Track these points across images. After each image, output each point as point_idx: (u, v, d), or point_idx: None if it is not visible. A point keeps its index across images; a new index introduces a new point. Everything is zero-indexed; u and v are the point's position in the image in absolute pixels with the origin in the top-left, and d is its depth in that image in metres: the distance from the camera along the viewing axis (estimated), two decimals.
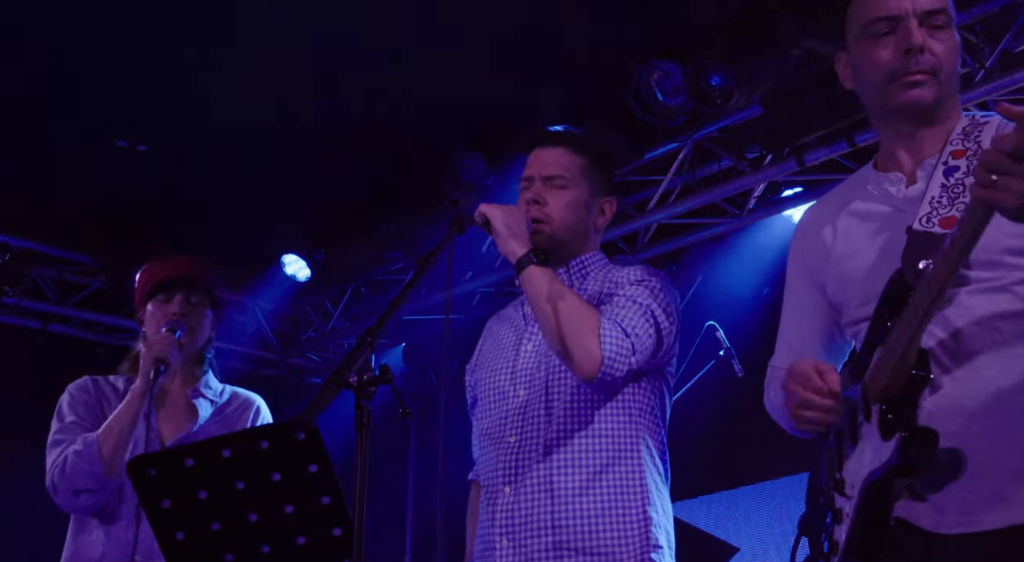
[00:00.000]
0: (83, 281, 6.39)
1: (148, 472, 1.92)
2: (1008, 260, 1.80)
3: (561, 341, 2.44)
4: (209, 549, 1.96)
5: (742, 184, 5.14)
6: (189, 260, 3.21)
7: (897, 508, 1.82)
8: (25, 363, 6.17)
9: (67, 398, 3.09)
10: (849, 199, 2.11)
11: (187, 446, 1.94)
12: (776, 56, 4.30)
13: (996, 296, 1.80)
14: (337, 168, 5.60)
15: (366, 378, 1.93)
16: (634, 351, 2.46)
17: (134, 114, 5.17)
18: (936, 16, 1.98)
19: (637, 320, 2.50)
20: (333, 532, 1.94)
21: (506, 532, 2.50)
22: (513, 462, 2.54)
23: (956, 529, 1.76)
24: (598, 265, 2.75)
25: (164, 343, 2.96)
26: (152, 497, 1.93)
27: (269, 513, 1.94)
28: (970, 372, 1.79)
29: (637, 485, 2.50)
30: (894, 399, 1.76)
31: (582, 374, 2.44)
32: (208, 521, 1.94)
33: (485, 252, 5.99)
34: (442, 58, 4.82)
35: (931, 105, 1.98)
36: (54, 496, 2.94)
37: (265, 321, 6.93)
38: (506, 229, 2.55)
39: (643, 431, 2.56)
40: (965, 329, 1.80)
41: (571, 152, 2.74)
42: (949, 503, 1.77)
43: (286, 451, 1.91)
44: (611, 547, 2.43)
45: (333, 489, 1.93)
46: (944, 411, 1.77)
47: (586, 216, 2.74)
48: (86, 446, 2.88)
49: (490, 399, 2.67)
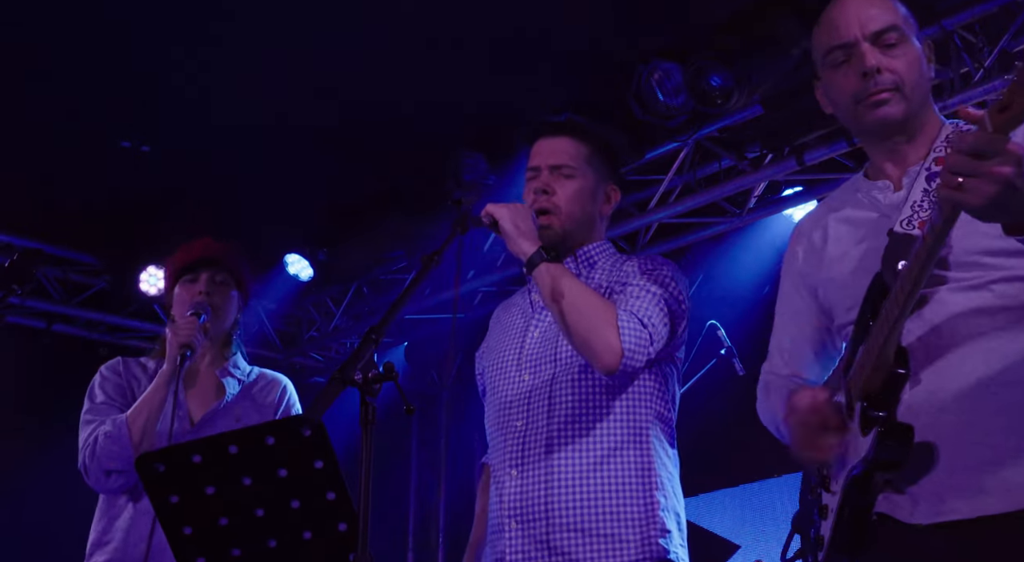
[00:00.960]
0: (87, 281, 6.42)
1: (156, 468, 1.94)
2: (985, 261, 1.84)
3: (580, 335, 2.47)
4: (216, 544, 1.98)
5: (742, 183, 5.17)
6: (214, 242, 3.27)
7: (879, 503, 1.86)
8: (30, 362, 6.20)
9: (98, 378, 3.15)
10: (840, 206, 2.16)
11: (194, 442, 1.96)
12: (776, 56, 4.32)
13: (972, 293, 1.84)
14: (339, 168, 5.63)
15: (371, 375, 1.95)
16: (652, 341, 2.49)
17: (137, 115, 5.20)
18: (887, 35, 2.02)
19: (652, 310, 2.52)
20: (339, 527, 1.96)
21: (514, 515, 2.53)
22: (520, 446, 2.57)
23: (929, 519, 1.80)
24: (605, 255, 2.77)
25: (189, 328, 3.01)
26: (160, 492, 1.95)
27: (275, 508, 1.96)
28: (947, 367, 1.83)
29: (645, 469, 2.52)
30: (874, 396, 1.80)
31: (603, 367, 2.46)
32: (215, 516, 1.96)
33: (487, 251, 6.02)
34: (443, 58, 4.84)
35: (901, 120, 2.03)
36: (86, 477, 2.99)
37: (268, 321, 6.96)
38: (514, 228, 2.57)
39: (651, 416, 2.58)
40: (942, 325, 1.84)
41: (576, 141, 2.77)
42: (923, 494, 1.81)
43: (292, 447, 1.93)
44: (617, 530, 2.45)
45: (339, 485, 1.95)
46: (921, 405, 1.81)
47: (592, 205, 2.77)
48: (116, 428, 2.93)
49: (497, 385, 2.71)
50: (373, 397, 1.96)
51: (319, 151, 5.49)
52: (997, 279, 1.84)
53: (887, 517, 1.87)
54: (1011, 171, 1.51)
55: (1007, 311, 1.83)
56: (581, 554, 2.45)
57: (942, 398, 1.81)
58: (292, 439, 1.93)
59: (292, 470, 1.94)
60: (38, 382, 6.09)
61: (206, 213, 5.76)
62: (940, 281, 1.86)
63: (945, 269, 1.86)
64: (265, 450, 1.93)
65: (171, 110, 5.16)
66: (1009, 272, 1.84)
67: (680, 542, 2.56)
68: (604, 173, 2.80)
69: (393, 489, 7.09)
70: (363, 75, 4.97)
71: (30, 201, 5.72)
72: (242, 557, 1.98)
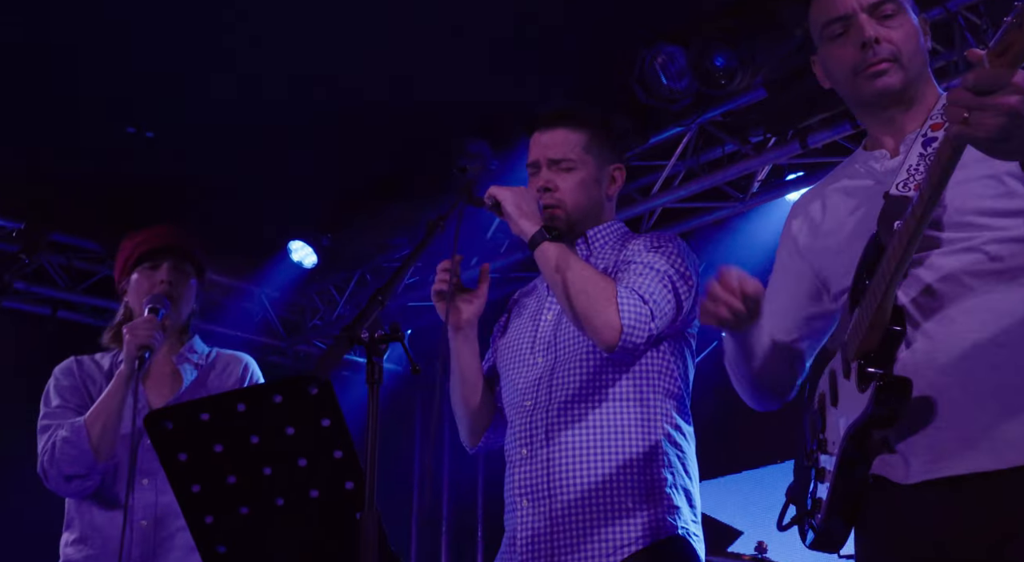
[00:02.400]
0: (91, 268, 6.44)
1: (165, 425, 1.96)
2: (978, 221, 1.85)
3: (580, 313, 2.48)
4: (224, 501, 2.00)
5: (746, 167, 5.18)
6: (175, 229, 3.21)
7: (875, 465, 1.87)
8: (35, 348, 6.21)
9: (53, 382, 3.10)
10: (838, 179, 2.18)
11: (203, 400, 1.98)
12: (779, 37, 4.33)
13: (966, 256, 1.85)
14: (341, 156, 5.64)
15: (377, 335, 1.97)
16: (653, 317, 2.48)
17: (141, 101, 5.21)
18: (884, 6, 2.04)
19: (654, 286, 2.52)
20: (346, 485, 1.99)
21: (525, 493, 2.55)
22: (528, 426, 2.59)
23: (922, 476, 1.81)
24: (615, 234, 2.77)
25: (147, 329, 2.93)
26: (169, 450, 1.98)
27: (283, 466, 1.99)
28: (941, 327, 1.84)
29: (653, 447, 2.52)
30: (871, 354, 1.82)
31: (603, 343, 2.47)
32: (224, 474, 1.99)
33: (491, 237, 6.03)
34: (447, 44, 4.85)
35: (899, 89, 2.04)
36: (45, 482, 2.95)
37: (271, 308, 6.98)
38: (516, 210, 2.58)
39: (661, 393, 2.57)
40: (937, 286, 1.85)
41: (571, 131, 2.74)
42: (917, 453, 1.82)
43: (299, 405, 1.96)
44: (623, 506, 2.46)
45: (346, 443, 1.98)
46: (917, 365, 1.82)
47: (597, 191, 2.76)
48: (74, 432, 2.88)
49: (512, 366, 2.72)
50: (380, 357, 1.98)
51: (322, 138, 5.51)
52: (990, 240, 1.85)
53: (882, 479, 1.88)
54: (1016, 100, 1.52)
55: (1000, 272, 1.85)
56: (588, 530, 2.46)
57: (937, 359, 1.83)
58: (299, 397, 1.96)
59: (299, 428, 1.97)
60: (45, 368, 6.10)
61: (210, 200, 5.79)
62: (934, 243, 1.88)
63: (939, 230, 1.87)
64: (273, 408, 1.96)
65: (177, 97, 5.17)
66: (1002, 233, 1.85)
67: (692, 518, 2.55)
68: (605, 156, 2.79)
69: (397, 477, 7.11)
70: (366, 61, 4.98)
71: (33, 187, 5.74)
72: (250, 515, 2.01)
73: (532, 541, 2.50)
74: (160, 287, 3.06)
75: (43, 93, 5.08)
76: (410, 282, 6.81)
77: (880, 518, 1.90)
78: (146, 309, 3.01)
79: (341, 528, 1.93)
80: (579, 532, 2.46)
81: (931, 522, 1.80)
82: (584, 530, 2.46)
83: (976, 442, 1.77)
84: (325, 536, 2.00)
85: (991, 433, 1.77)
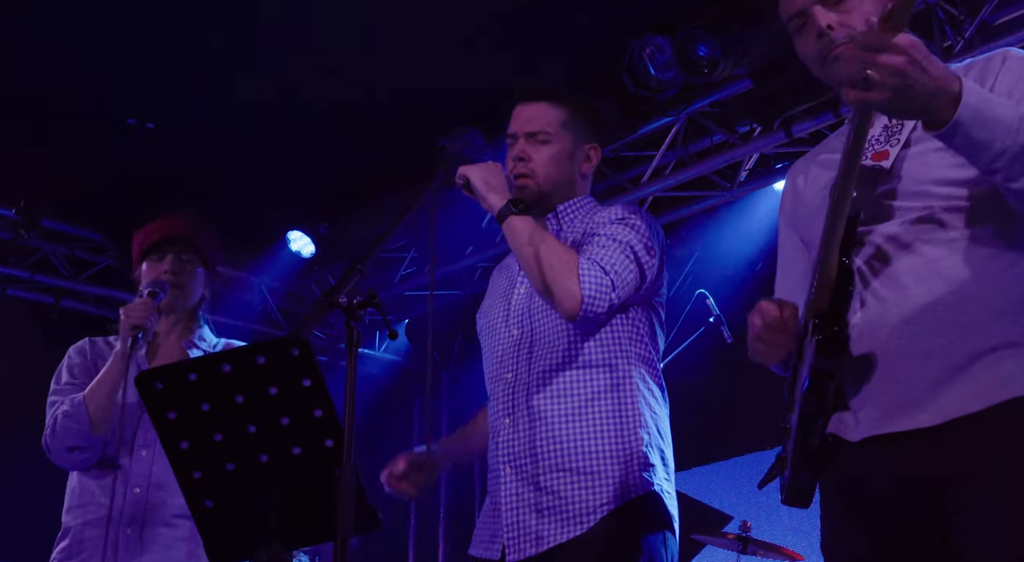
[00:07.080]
0: (94, 258, 6.57)
1: (155, 385, 2.06)
2: (933, 190, 1.94)
3: (543, 283, 2.58)
4: (211, 458, 2.09)
5: (733, 156, 5.27)
6: (180, 220, 3.35)
7: (831, 424, 1.96)
8: (39, 337, 6.32)
9: (66, 360, 3.27)
10: (821, 152, 2.28)
11: (190, 361, 2.07)
12: (761, 26, 4.41)
13: (920, 224, 1.94)
14: (339, 146, 5.73)
15: (356, 301, 2.08)
16: (614, 287, 2.58)
17: (141, 92, 5.30)
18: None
19: (616, 257, 2.61)
20: (326, 443, 2.08)
21: (508, 460, 2.65)
22: (511, 396, 2.69)
23: (868, 433, 1.90)
24: (585, 208, 2.86)
25: (141, 310, 3.08)
26: (159, 409, 2.07)
27: (266, 425, 2.07)
28: (891, 292, 1.92)
29: (628, 410, 2.61)
30: (823, 313, 1.91)
31: (565, 313, 2.57)
32: (210, 432, 2.08)
33: (485, 227, 6.13)
34: (441, 35, 4.94)
35: None
36: (48, 454, 3.10)
37: (270, 298, 7.08)
38: (484, 184, 2.68)
39: (634, 359, 2.67)
40: (889, 251, 1.94)
41: (551, 106, 2.84)
42: (866, 411, 1.92)
43: (281, 366, 2.04)
44: (601, 467, 2.55)
45: (325, 402, 2.07)
46: (870, 325, 1.92)
47: (570, 166, 2.85)
48: (74, 407, 3.04)
49: (490, 341, 2.83)
50: (357, 321, 2.08)
51: (320, 128, 5.60)
52: (942, 208, 1.94)
53: (836, 437, 1.98)
54: (900, 60, 1.62)
55: (951, 239, 1.94)
56: (568, 492, 2.56)
57: (888, 320, 1.91)
58: (281, 358, 2.04)
59: (281, 388, 2.05)
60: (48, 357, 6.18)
61: (211, 190, 5.88)
62: (889, 212, 1.97)
63: (893, 199, 1.96)
64: (256, 369, 2.05)
65: (177, 87, 5.27)
66: (954, 202, 1.95)
67: (665, 476, 2.65)
68: (582, 135, 2.87)
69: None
70: (363, 51, 5.07)
71: (35, 178, 5.83)
72: (235, 471, 2.10)
73: (516, 506, 2.60)
74: (164, 277, 3.23)
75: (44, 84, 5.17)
76: (406, 273, 6.92)
77: (832, 474, 2.00)
78: (145, 292, 3.17)
79: (321, 483, 2.02)
80: (560, 494, 2.56)
81: (873, 475, 1.90)
82: (564, 492, 2.56)
83: (920, 401, 1.87)
84: (306, 490, 2.10)
85: (935, 390, 1.86)
